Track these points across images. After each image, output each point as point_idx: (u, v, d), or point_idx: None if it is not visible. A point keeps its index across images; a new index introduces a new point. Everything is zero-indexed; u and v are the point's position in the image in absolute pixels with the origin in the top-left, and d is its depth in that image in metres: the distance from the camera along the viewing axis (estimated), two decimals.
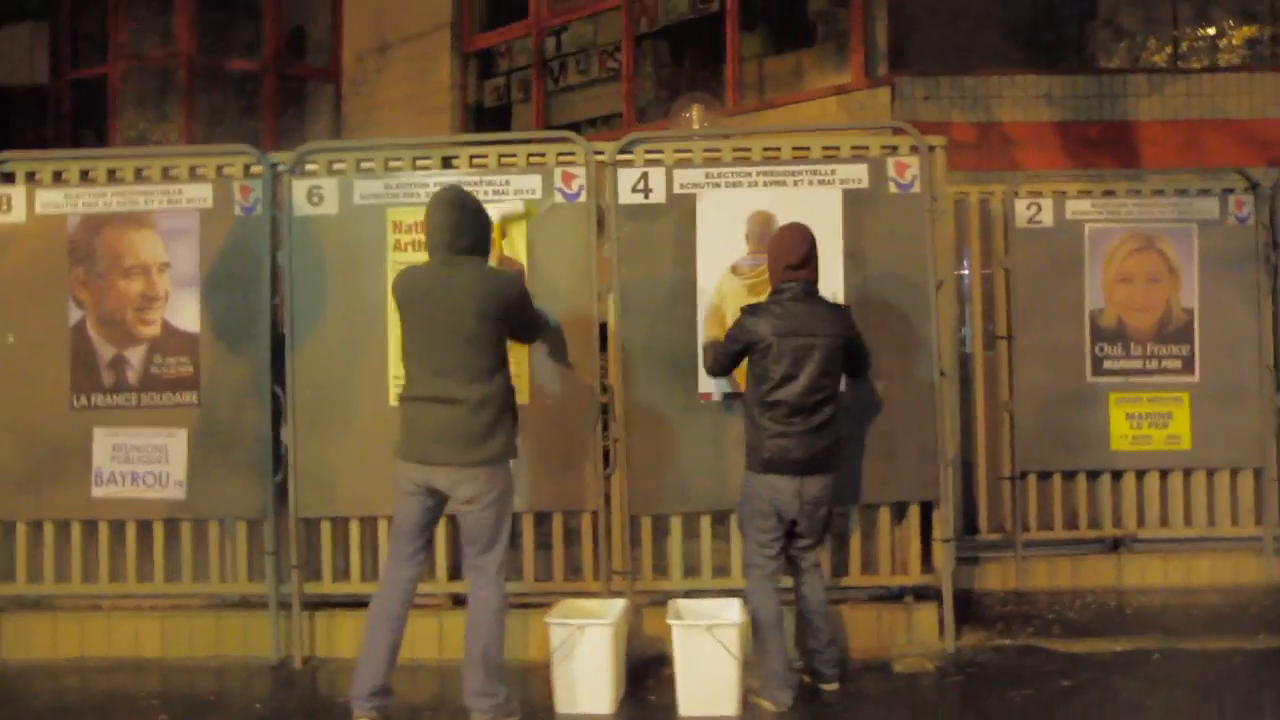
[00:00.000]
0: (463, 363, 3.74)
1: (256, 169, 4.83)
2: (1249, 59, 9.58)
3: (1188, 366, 5.83)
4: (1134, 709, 3.95)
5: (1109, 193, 5.94)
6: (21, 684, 4.60)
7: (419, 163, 4.84)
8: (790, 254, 4.18)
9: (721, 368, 4.37)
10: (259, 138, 12.37)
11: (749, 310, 4.21)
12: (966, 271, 6.04)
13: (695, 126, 9.59)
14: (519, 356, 4.60)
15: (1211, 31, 9.82)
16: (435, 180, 4.74)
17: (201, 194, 4.81)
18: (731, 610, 4.18)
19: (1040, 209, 5.88)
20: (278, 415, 4.72)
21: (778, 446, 4.08)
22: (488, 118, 12.15)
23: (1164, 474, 5.84)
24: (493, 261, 4.20)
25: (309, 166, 4.84)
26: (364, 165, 4.84)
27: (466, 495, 3.76)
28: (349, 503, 4.74)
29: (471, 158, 4.84)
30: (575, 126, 11.57)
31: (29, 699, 4.43)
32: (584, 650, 4.00)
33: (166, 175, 4.90)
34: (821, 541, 4.35)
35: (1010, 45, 9.77)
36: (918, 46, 9.74)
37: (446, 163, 4.85)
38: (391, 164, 4.83)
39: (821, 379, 4.09)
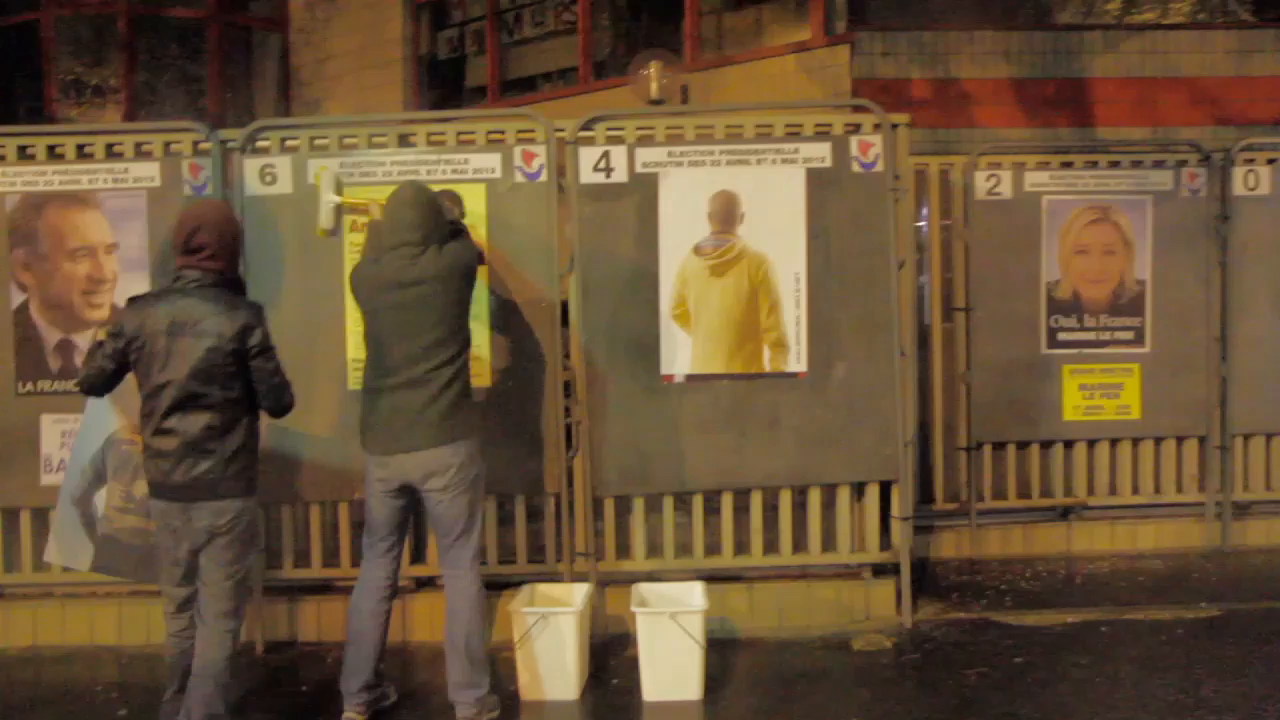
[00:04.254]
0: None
1: (205, 146, 4.68)
2: (1199, 16, 9.61)
3: (1139, 338, 5.95)
4: (1082, 685, 4.07)
5: (1067, 164, 5.98)
6: None
7: (374, 139, 4.72)
8: (177, 236, 3.51)
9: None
10: (204, 88, 12.01)
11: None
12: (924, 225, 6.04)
13: (653, 84, 9.47)
14: (479, 340, 4.54)
15: None
16: (393, 159, 4.65)
17: (149, 172, 4.66)
18: (695, 595, 4.22)
19: (999, 180, 5.91)
20: None
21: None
22: (440, 70, 11.88)
23: (1114, 443, 5.98)
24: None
25: (260, 144, 4.70)
26: (318, 143, 4.71)
27: (439, 483, 3.72)
28: (309, 487, 4.69)
29: (429, 135, 4.73)
30: (530, 81, 11.37)
31: None
32: (549, 637, 4.03)
33: (110, 152, 4.73)
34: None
35: (969, 0, 9.72)
36: (876, 2, 9.66)
37: (403, 140, 4.73)
38: (346, 141, 4.71)
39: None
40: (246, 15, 12.48)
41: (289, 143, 4.72)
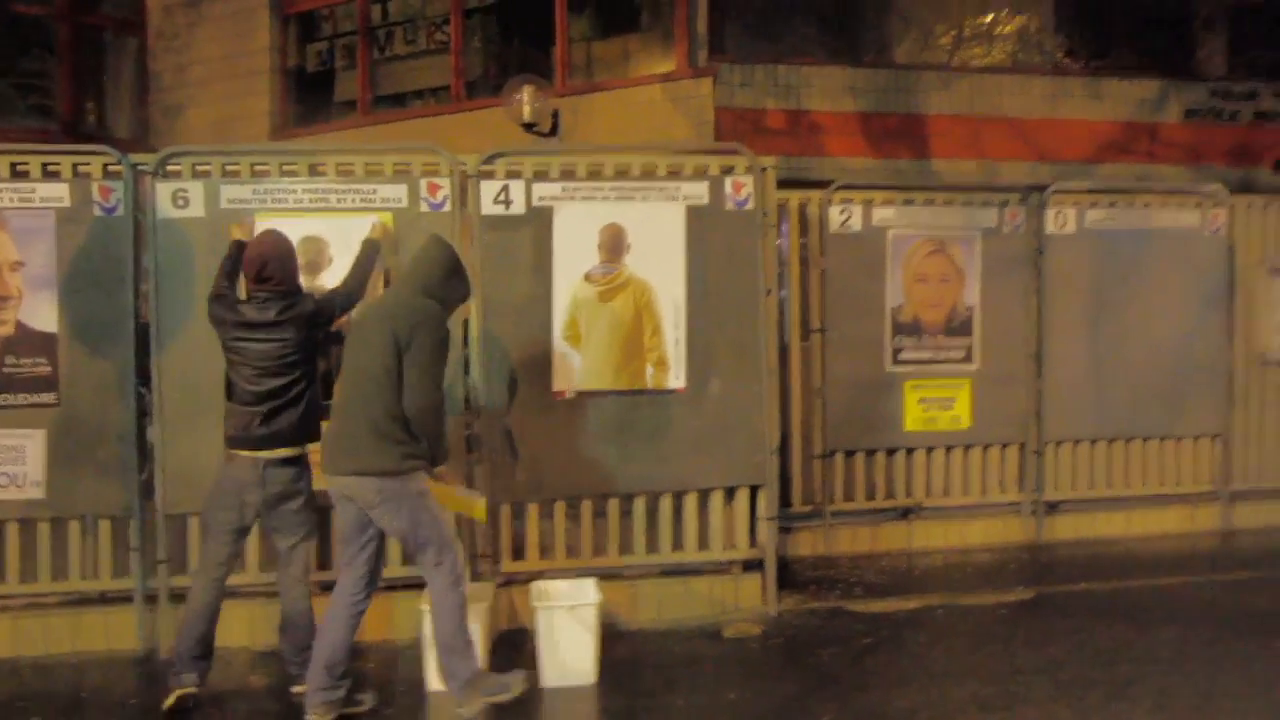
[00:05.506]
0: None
1: (116, 168, 4.83)
2: (1021, 61, 10.65)
3: (969, 357, 6.75)
4: (920, 660, 4.74)
5: (909, 202, 6.72)
6: None
7: (285, 168, 4.97)
8: (248, 267, 4.22)
9: None
10: (54, 89, 11.65)
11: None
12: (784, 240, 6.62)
13: (526, 108, 9.85)
14: None
15: (990, 33, 10.84)
16: (304, 187, 4.91)
17: (58, 193, 4.78)
18: (588, 591, 4.65)
19: (851, 215, 6.60)
20: (142, 414, 4.80)
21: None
22: (309, 82, 11.87)
23: (948, 450, 6.76)
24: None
25: (171, 168, 4.88)
26: (229, 169, 4.93)
27: (363, 503, 3.95)
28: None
29: (338, 165, 5.02)
30: (402, 98, 11.54)
31: None
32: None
33: (15, 172, 4.82)
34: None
35: (819, 37, 10.48)
36: (735, 35, 10.27)
37: (313, 169, 5.00)
38: (257, 169, 4.94)
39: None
40: (99, 15, 12.14)
41: (200, 168, 4.92)
